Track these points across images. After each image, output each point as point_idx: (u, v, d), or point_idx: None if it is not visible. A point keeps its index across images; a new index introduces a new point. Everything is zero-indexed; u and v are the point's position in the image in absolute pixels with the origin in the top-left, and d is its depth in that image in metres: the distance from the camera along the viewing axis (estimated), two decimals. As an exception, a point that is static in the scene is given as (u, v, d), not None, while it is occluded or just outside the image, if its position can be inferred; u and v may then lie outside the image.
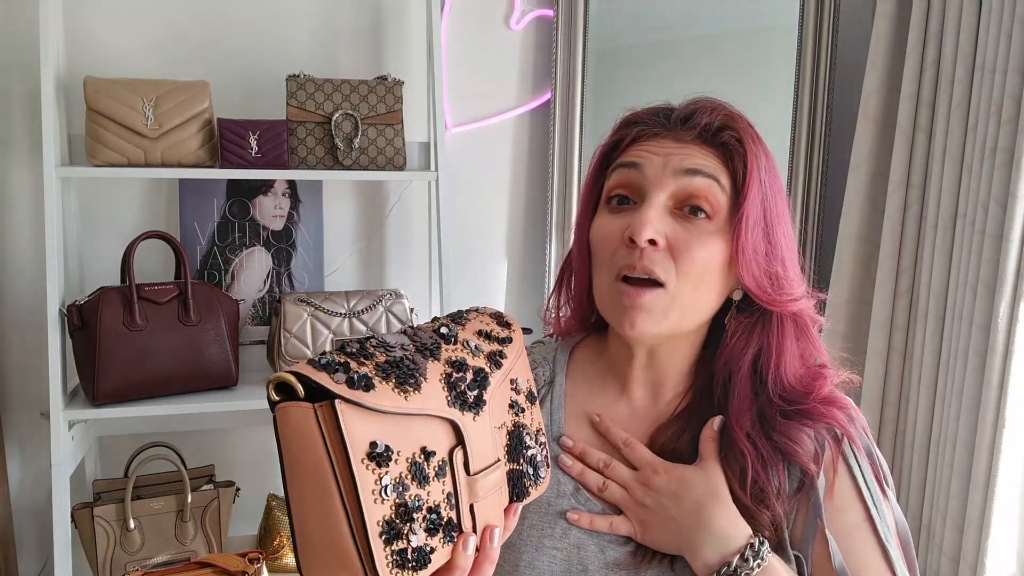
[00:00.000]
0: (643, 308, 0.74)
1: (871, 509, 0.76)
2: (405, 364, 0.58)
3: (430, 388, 0.59)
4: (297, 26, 1.79)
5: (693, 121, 0.75)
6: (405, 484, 0.55)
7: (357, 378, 0.54)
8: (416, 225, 1.92)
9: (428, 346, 0.62)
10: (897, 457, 1.62)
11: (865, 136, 1.64)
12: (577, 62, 1.87)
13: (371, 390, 0.54)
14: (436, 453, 0.58)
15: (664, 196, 0.74)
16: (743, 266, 0.74)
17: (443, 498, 0.58)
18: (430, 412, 0.58)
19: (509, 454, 0.67)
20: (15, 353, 1.74)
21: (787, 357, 0.78)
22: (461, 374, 0.63)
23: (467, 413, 0.62)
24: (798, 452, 0.75)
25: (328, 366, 0.54)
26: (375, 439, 0.54)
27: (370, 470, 0.53)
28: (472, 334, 0.68)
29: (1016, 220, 1.29)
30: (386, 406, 0.55)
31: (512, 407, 0.69)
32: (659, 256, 0.73)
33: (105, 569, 1.59)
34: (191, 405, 1.56)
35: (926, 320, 1.52)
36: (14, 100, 1.68)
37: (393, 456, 0.55)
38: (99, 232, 1.75)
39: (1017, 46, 1.31)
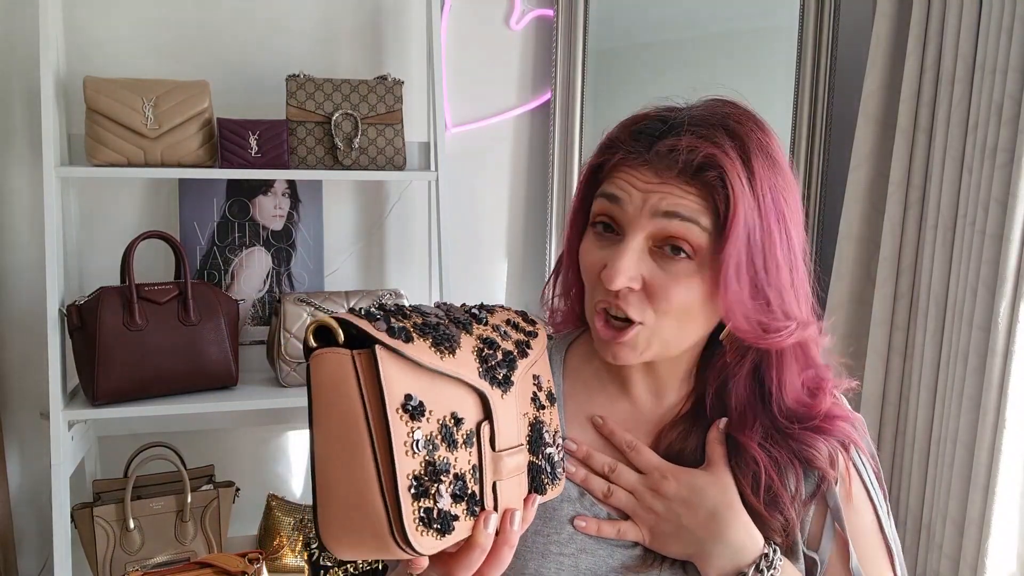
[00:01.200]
0: (624, 344, 0.73)
1: (879, 511, 0.77)
2: (441, 329, 0.58)
3: (463, 355, 0.59)
4: (297, 26, 1.79)
5: (674, 157, 0.69)
6: (435, 443, 0.55)
7: (397, 329, 0.54)
8: (416, 225, 1.92)
9: (462, 320, 0.63)
10: (897, 457, 1.62)
11: (865, 136, 1.63)
12: (577, 62, 1.87)
13: (410, 342, 0.54)
14: (465, 421, 0.58)
15: (641, 237, 0.71)
16: (727, 313, 0.72)
17: (468, 468, 0.58)
18: (463, 377, 0.58)
19: (530, 445, 0.67)
20: (15, 353, 1.74)
21: (787, 379, 0.77)
22: (491, 351, 0.63)
23: (496, 389, 0.62)
24: (817, 457, 0.75)
25: (369, 315, 0.54)
26: (410, 392, 0.54)
27: (403, 421, 0.53)
28: (501, 321, 0.68)
29: (1016, 220, 1.29)
30: (424, 360, 0.54)
31: (534, 401, 0.69)
32: (635, 298, 0.71)
33: (105, 569, 1.59)
34: (191, 405, 1.56)
35: (926, 320, 1.52)
36: (14, 100, 1.68)
37: (426, 413, 0.54)
38: (99, 232, 1.75)
39: (1017, 46, 1.31)
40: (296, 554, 1.77)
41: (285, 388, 1.68)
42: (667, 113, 0.74)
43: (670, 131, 0.71)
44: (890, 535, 0.76)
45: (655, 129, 0.72)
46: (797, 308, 0.74)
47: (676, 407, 0.81)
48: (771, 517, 0.73)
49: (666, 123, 0.72)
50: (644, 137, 0.72)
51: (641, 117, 0.76)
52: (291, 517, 1.78)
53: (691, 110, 0.74)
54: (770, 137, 0.73)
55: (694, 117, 0.72)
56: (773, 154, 0.72)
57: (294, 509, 1.80)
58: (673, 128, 0.71)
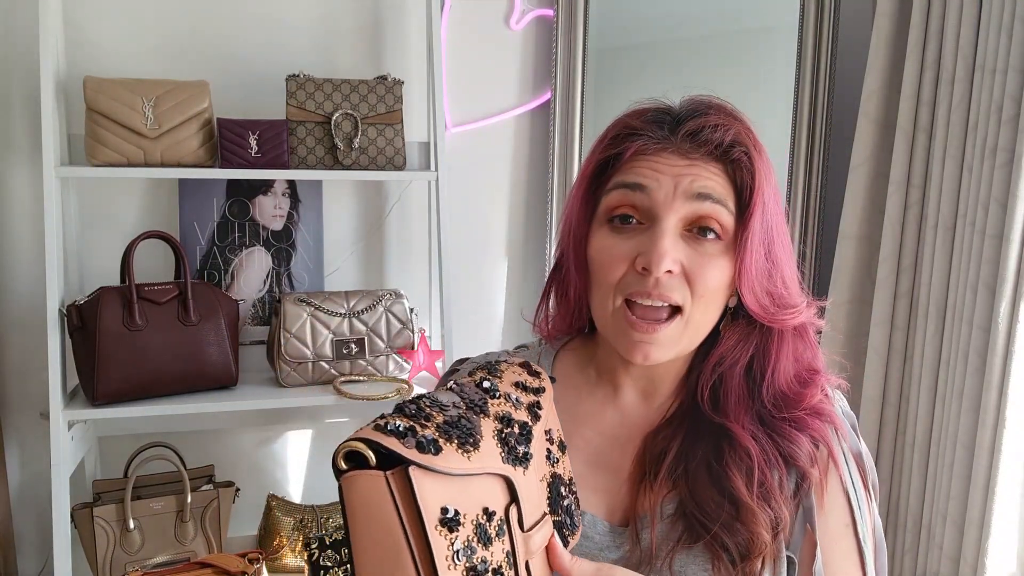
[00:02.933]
0: (657, 342, 0.73)
1: (855, 512, 0.76)
2: (463, 424, 0.59)
3: (486, 446, 0.60)
4: (297, 26, 1.79)
5: (702, 137, 0.72)
6: (472, 547, 0.55)
7: (426, 442, 0.54)
8: (416, 225, 1.92)
9: (477, 403, 0.63)
10: (897, 457, 1.62)
11: (865, 136, 1.63)
12: (577, 62, 1.87)
13: (440, 453, 0.55)
14: (496, 513, 0.59)
15: (675, 220, 0.71)
16: (745, 287, 0.73)
17: (504, 558, 0.59)
18: (490, 470, 0.59)
19: (550, 506, 0.68)
20: (15, 353, 1.74)
21: (783, 364, 0.78)
22: (510, 429, 0.63)
23: (518, 468, 0.62)
24: (799, 455, 0.75)
25: (396, 431, 0.54)
26: (445, 504, 0.54)
27: (443, 536, 0.53)
28: (510, 386, 0.68)
29: (1016, 220, 1.29)
30: (454, 468, 0.55)
31: (548, 458, 0.69)
32: (676, 282, 0.72)
33: (105, 569, 1.59)
34: (191, 405, 1.56)
35: (926, 320, 1.52)
36: (14, 100, 1.68)
37: (461, 520, 0.55)
38: (99, 232, 1.75)
39: (1017, 46, 1.31)
40: (296, 554, 1.77)
41: (285, 388, 1.68)
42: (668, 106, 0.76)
43: (689, 115, 0.74)
44: (863, 537, 0.75)
45: (674, 115, 0.75)
46: (798, 288, 0.77)
47: (663, 409, 0.81)
48: (761, 512, 0.72)
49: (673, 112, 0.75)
50: (667, 121, 0.74)
51: (645, 110, 0.77)
52: (291, 517, 1.78)
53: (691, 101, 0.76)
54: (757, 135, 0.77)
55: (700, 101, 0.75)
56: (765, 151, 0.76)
57: (294, 509, 1.80)
58: (690, 112, 0.74)
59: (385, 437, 0.53)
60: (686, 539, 0.73)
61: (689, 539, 0.73)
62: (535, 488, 0.65)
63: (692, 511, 0.74)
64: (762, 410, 0.77)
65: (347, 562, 1.68)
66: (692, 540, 0.73)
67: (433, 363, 1.75)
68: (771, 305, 0.74)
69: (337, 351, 1.68)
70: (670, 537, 0.74)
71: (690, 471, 0.76)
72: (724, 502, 0.73)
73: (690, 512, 0.74)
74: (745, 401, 0.77)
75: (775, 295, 0.74)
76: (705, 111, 0.74)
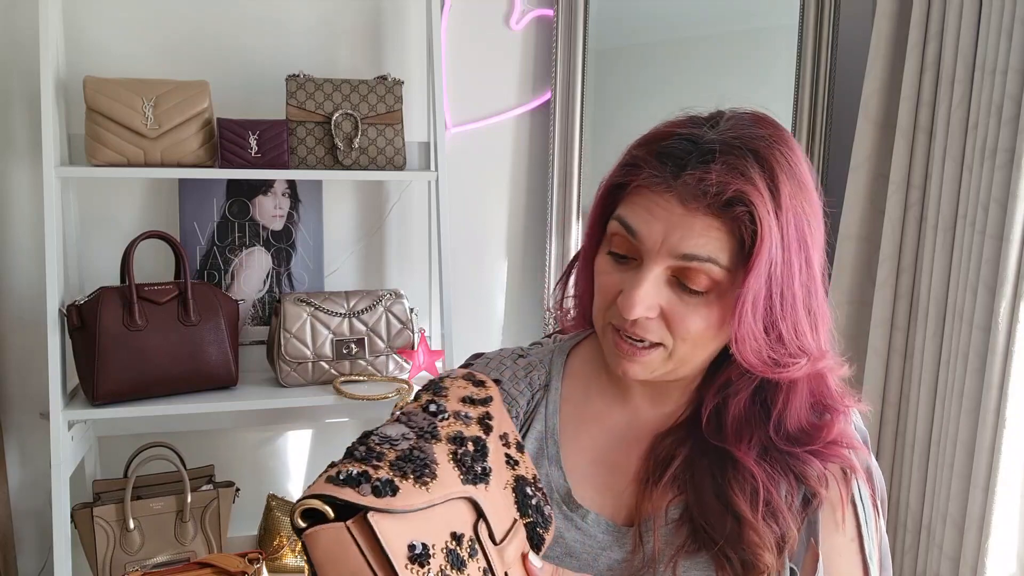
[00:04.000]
0: (637, 364, 0.73)
1: (862, 526, 0.75)
2: (416, 456, 0.59)
3: (444, 471, 0.60)
4: (297, 26, 1.79)
5: (703, 188, 0.67)
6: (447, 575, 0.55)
7: (382, 484, 0.54)
8: (416, 225, 1.92)
9: (426, 429, 0.63)
10: (897, 457, 1.62)
11: (865, 136, 1.63)
12: (577, 62, 1.87)
13: (396, 492, 0.54)
14: (464, 535, 0.59)
15: (659, 269, 0.70)
16: (739, 347, 0.70)
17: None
18: (452, 496, 0.59)
19: (520, 509, 0.68)
20: (15, 353, 1.74)
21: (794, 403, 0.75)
22: (464, 448, 0.63)
23: (480, 485, 0.62)
24: (808, 475, 0.74)
25: (349, 480, 0.54)
26: (411, 540, 0.54)
27: (414, 572, 0.53)
28: (458, 403, 0.69)
29: (1016, 220, 1.29)
30: (414, 504, 0.55)
31: (508, 463, 0.69)
32: (653, 324, 0.71)
33: (105, 569, 1.59)
34: (191, 405, 1.56)
35: (926, 320, 1.52)
36: (14, 100, 1.68)
37: (431, 551, 0.55)
38: (99, 232, 1.75)
39: (1017, 46, 1.31)
40: (296, 554, 1.77)
41: (285, 388, 1.68)
42: (694, 132, 0.71)
43: (698, 157, 0.68)
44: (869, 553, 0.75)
45: (683, 153, 0.69)
46: (811, 339, 0.73)
47: (673, 415, 0.81)
48: (767, 530, 0.71)
49: (695, 145, 0.69)
50: (671, 161, 0.69)
51: (666, 134, 0.72)
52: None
53: (719, 132, 0.70)
54: (798, 157, 0.71)
55: (723, 142, 0.69)
56: (800, 177, 0.71)
57: (294, 509, 1.80)
58: (702, 154, 0.68)
59: (339, 489, 0.53)
60: (690, 545, 0.73)
61: (693, 545, 0.73)
62: (500, 498, 0.65)
63: (698, 519, 0.74)
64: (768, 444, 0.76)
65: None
66: (696, 547, 0.73)
67: (433, 363, 1.75)
68: (767, 362, 0.72)
69: (337, 351, 1.68)
70: (673, 542, 0.74)
71: (696, 480, 0.75)
72: (728, 516, 0.72)
73: (695, 519, 0.74)
74: (751, 425, 0.76)
75: (774, 357, 0.72)
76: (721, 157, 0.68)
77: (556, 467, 0.80)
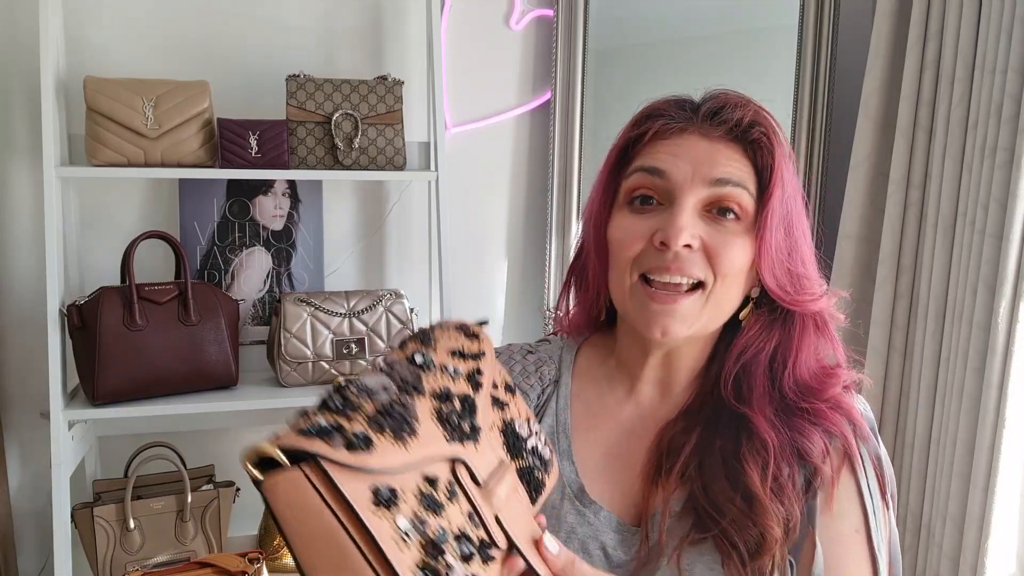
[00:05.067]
0: (677, 314, 0.73)
1: (869, 517, 0.74)
2: (395, 410, 0.54)
3: (426, 430, 0.55)
4: (297, 26, 1.79)
5: (722, 116, 0.73)
6: (423, 519, 0.51)
7: (356, 439, 0.49)
8: (416, 225, 1.92)
9: (410, 381, 0.58)
10: (897, 457, 1.62)
11: (865, 136, 1.64)
12: (577, 62, 1.87)
13: (371, 448, 0.50)
14: (439, 477, 0.55)
15: (694, 200, 0.73)
16: (765, 267, 0.73)
17: (466, 520, 0.55)
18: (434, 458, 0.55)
19: (511, 452, 0.64)
20: (15, 353, 1.74)
21: (804, 355, 0.78)
22: (450, 405, 0.59)
23: (468, 443, 0.58)
24: (811, 451, 0.74)
25: (321, 432, 0.49)
26: (375, 485, 0.50)
27: (381, 517, 0.49)
28: (446, 356, 0.64)
29: (1016, 220, 1.29)
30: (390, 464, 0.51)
31: (496, 405, 0.66)
32: (696, 257, 0.72)
33: (105, 569, 1.59)
34: (191, 405, 1.56)
35: (926, 320, 1.52)
36: (14, 100, 1.68)
37: (400, 495, 0.51)
38: (99, 232, 1.75)
39: (1017, 46, 1.31)
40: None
41: (285, 388, 1.68)
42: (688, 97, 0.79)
43: (711, 98, 0.76)
44: (877, 546, 0.73)
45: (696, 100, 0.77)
46: (816, 271, 0.78)
47: (679, 403, 0.81)
48: (774, 507, 0.71)
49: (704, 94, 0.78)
50: (687, 104, 0.77)
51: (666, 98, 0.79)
52: (291, 517, 1.78)
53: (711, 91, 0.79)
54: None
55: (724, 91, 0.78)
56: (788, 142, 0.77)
57: (294, 509, 1.80)
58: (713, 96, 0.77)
59: (309, 441, 0.48)
60: (694, 535, 0.72)
61: (697, 533, 0.72)
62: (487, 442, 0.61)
63: (703, 505, 0.73)
64: (783, 401, 0.77)
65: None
66: (700, 534, 0.72)
67: (433, 363, 1.75)
68: (791, 286, 0.75)
69: (337, 351, 1.68)
70: (677, 532, 0.73)
71: (705, 465, 0.75)
72: (737, 497, 0.72)
73: (700, 506, 0.73)
74: (768, 392, 0.77)
75: (795, 275, 0.75)
76: (726, 94, 0.77)
77: (568, 462, 0.80)
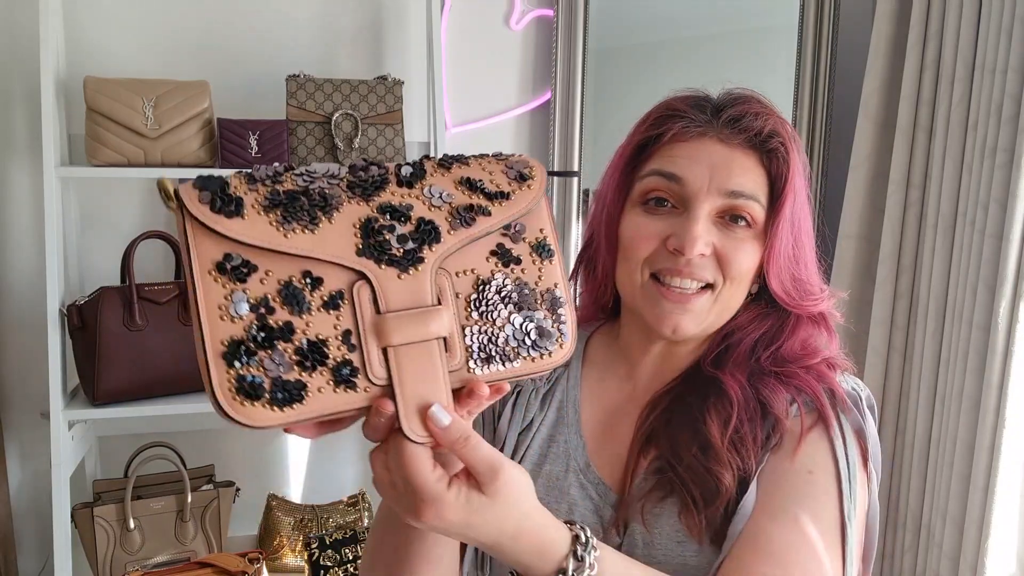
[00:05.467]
0: (689, 313, 0.74)
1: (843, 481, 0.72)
2: (305, 199, 0.51)
3: (333, 231, 0.51)
4: (297, 26, 1.79)
5: (743, 124, 0.74)
6: (270, 306, 0.49)
7: (225, 202, 0.49)
8: (416, 225, 1.92)
9: (364, 184, 0.54)
10: (897, 457, 1.62)
11: (865, 136, 1.64)
12: (577, 62, 1.87)
13: (239, 216, 0.49)
14: (325, 279, 0.51)
15: (708, 208, 0.74)
16: (772, 273, 0.76)
17: (333, 332, 0.51)
18: (317, 256, 0.51)
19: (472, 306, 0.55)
20: (15, 353, 1.74)
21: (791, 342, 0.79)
22: (391, 223, 0.53)
23: (389, 267, 0.52)
24: (774, 404, 0.74)
25: (206, 185, 0.50)
26: (231, 253, 0.49)
27: (219, 283, 0.49)
28: (450, 183, 0.56)
29: (1016, 220, 1.29)
30: (246, 237, 0.49)
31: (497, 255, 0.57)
32: (708, 263, 0.74)
33: (105, 569, 1.59)
34: (191, 405, 1.56)
35: (926, 320, 1.52)
36: (14, 100, 1.68)
37: (257, 274, 0.49)
38: (99, 232, 1.75)
39: (1017, 46, 1.31)
40: (296, 554, 1.77)
41: (285, 388, 1.67)
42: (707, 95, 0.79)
43: (732, 102, 0.76)
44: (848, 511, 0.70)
45: (717, 101, 0.77)
46: (819, 277, 0.80)
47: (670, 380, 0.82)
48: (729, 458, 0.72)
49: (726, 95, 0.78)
50: (709, 107, 0.76)
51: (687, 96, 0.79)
52: (291, 517, 1.78)
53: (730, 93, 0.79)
54: None
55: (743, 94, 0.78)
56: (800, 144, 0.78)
57: (294, 509, 1.80)
58: (734, 99, 0.77)
59: (188, 190, 0.50)
60: (658, 491, 0.74)
61: (661, 492, 0.74)
62: (427, 278, 0.53)
63: (666, 456, 0.75)
64: (756, 366, 0.78)
65: (347, 562, 1.68)
66: (664, 493, 0.74)
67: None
68: (795, 291, 0.77)
69: (337, 351, 1.68)
70: (643, 489, 0.75)
71: (673, 416, 0.77)
72: (695, 446, 0.73)
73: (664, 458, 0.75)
74: (747, 358, 0.79)
75: (799, 282, 0.77)
76: (747, 100, 0.77)
77: (576, 435, 0.82)
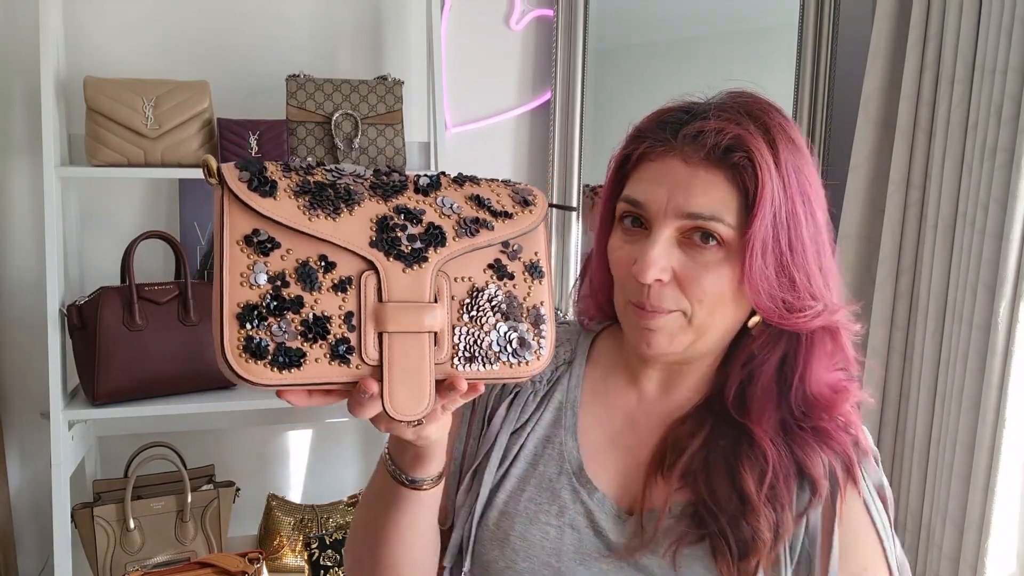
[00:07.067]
0: (658, 329, 0.73)
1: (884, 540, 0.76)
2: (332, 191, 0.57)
3: (352, 223, 0.56)
4: (297, 26, 1.79)
5: (701, 140, 0.71)
6: (285, 280, 0.54)
7: (261, 183, 0.55)
8: (416, 225, 1.92)
9: (386, 186, 0.59)
10: (897, 457, 1.62)
11: (865, 136, 1.64)
12: (577, 62, 1.87)
13: (272, 196, 0.55)
14: (339, 266, 0.56)
15: (668, 231, 0.72)
16: (751, 292, 0.72)
17: (338, 314, 0.55)
18: (334, 240, 0.56)
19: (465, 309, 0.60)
20: (15, 353, 1.74)
21: (815, 368, 0.77)
22: (404, 223, 0.58)
23: (395, 260, 0.57)
24: (812, 466, 0.74)
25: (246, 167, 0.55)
26: (260, 228, 0.54)
27: (245, 253, 0.54)
28: (461, 197, 0.62)
29: (1016, 220, 1.29)
30: (274, 215, 0.54)
31: (493, 268, 0.61)
32: (667, 290, 0.72)
33: (105, 569, 1.59)
34: (191, 405, 1.56)
35: (926, 320, 1.52)
36: (14, 100, 1.68)
37: (279, 251, 0.55)
38: (99, 232, 1.75)
39: (1017, 46, 1.31)
40: (296, 554, 1.77)
41: (285, 388, 1.67)
42: (692, 104, 0.76)
43: (695, 118, 0.73)
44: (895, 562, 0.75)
45: (680, 118, 0.74)
46: (825, 290, 0.75)
47: (688, 402, 0.81)
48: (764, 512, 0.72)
49: (689, 112, 0.74)
50: (670, 126, 0.74)
51: (666, 111, 0.77)
52: (291, 517, 1.78)
53: (714, 99, 0.76)
54: (790, 122, 0.75)
55: (717, 105, 0.74)
56: (795, 139, 0.74)
57: (294, 509, 1.80)
58: (697, 115, 0.73)
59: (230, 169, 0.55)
60: (692, 534, 0.74)
61: (695, 534, 0.74)
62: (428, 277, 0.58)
63: (702, 502, 0.74)
64: (788, 418, 0.77)
65: (347, 562, 1.68)
66: (698, 536, 0.74)
67: (433, 363, 1.75)
68: (783, 309, 0.73)
69: (337, 351, 1.68)
70: (675, 530, 0.75)
71: (709, 465, 0.76)
72: (734, 496, 0.73)
73: (700, 505, 0.74)
74: (772, 405, 0.77)
75: (786, 300, 0.73)
76: (716, 112, 0.73)
77: (572, 438, 0.81)
